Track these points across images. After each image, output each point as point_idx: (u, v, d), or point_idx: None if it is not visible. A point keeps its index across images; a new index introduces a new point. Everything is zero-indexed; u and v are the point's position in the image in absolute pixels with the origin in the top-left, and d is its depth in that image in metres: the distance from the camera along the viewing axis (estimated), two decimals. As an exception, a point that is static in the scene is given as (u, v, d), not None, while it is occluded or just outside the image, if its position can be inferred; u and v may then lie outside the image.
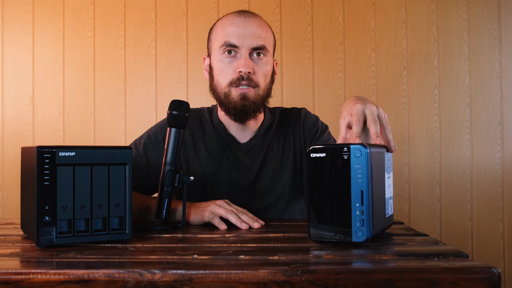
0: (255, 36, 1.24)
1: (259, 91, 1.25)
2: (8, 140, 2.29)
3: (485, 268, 0.65)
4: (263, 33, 1.26)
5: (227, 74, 1.24)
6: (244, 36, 1.23)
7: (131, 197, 0.91)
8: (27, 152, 0.92)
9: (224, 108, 1.28)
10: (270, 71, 1.29)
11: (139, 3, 2.28)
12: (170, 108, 1.08)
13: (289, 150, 1.36)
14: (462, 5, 2.22)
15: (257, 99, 1.25)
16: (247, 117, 1.28)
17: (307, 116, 1.40)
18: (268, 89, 1.29)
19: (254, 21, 1.26)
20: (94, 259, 0.75)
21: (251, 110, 1.26)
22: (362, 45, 2.23)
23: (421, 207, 2.21)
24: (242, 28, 1.24)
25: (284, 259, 0.73)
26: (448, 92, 2.21)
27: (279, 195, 1.34)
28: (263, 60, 1.26)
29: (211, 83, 1.31)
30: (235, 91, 1.24)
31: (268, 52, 1.27)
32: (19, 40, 2.30)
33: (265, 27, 1.28)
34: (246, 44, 1.23)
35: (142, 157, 1.32)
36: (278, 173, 1.34)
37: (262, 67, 1.26)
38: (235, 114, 1.26)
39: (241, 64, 1.22)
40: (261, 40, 1.24)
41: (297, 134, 1.37)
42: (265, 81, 1.27)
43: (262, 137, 1.36)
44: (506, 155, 2.19)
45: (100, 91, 2.28)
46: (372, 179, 0.80)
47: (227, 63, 1.25)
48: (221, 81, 1.26)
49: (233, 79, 1.24)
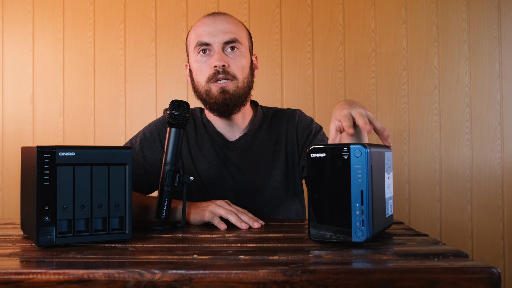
0: (225, 31, 1.27)
1: (238, 83, 1.27)
2: (8, 140, 2.29)
3: (485, 268, 0.65)
4: (233, 27, 1.29)
5: (204, 71, 1.27)
6: (214, 33, 1.27)
7: (131, 197, 0.91)
8: (27, 152, 0.92)
9: (208, 106, 1.30)
10: (247, 63, 1.31)
11: (139, 3, 2.28)
12: (170, 108, 1.09)
13: (280, 151, 1.36)
14: (462, 5, 2.22)
15: (237, 91, 1.27)
16: (230, 111, 1.29)
17: (301, 117, 1.40)
18: (248, 82, 1.31)
19: (223, 18, 1.30)
20: (94, 259, 0.75)
21: (233, 103, 1.27)
22: (362, 45, 2.23)
23: (421, 207, 2.21)
24: (211, 26, 1.28)
25: (284, 259, 0.73)
26: (448, 92, 2.21)
27: (271, 195, 1.34)
28: (237, 53, 1.28)
29: (193, 86, 1.33)
30: (214, 86, 1.26)
31: (242, 45, 1.29)
32: (19, 40, 2.30)
33: (235, 23, 1.31)
34: (217, 40, 1.26)
35: (138, 154, 1.33)
36: (268, 173, 1.34)
37: (237, 59, 1.28)
38: (217, 109, 1.28)
39: (215, 59, 1.25)
40: (232, 34, 1.27)
41: (290, 135, 1.38)
42: (242, 73, 1.29)
43: (252, 136, 1.36)
44: (506, 155, 2.19)
45: (100, 91, 2.28)
46: (372, 179, 0.80)
47: (203, 61, 1.28)
48: (200, 79, 1.29)
49: (210, 75, 1.26)
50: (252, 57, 1.36)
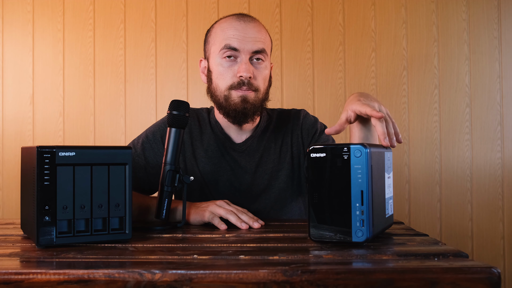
0: (255, 40, 1.24)
1: (258, 94, 1.26)
2: (8, 140, 2.29)
3: (485, 268, 0.65)
4: (262, 37, 1.26)
5: (227, 78, 1.25)
6: (245, 40, 1.23)
7: (131, 197, 0.91)
8: (27, 152, 0.92)
9: (224, 111, 1.27)
10: (268, 75, 1.30)
11: (139, 3, 2.28)
12: (170, 108, 1.09)
13: (286, 152, 1.36)
14: (462, 5, 2.22)
15: (257, 102, 1.26)
16: (246, 120, 1.28)
17: (306, 117, 1.40)
18: (266, 93, 1.30)
19: (254, 26, 1.26)
20: (94, 259, 0.75)
21: (251, 112, 1.26)
22: (362, 45, 2.23)
23: (421, 207, 2.21)
24: (242, 32, 1.24)
25: (284, 259, 0.73)
26: (448, 92, 2.21)
27: (276, 197, 1.33)
28: (262, 65, 1.26)
29: (209, 86, 1.31)
30: (236, 93, 1.24)
31: (267, 56, 1.28)
32: (19, 40, 2.30)
33: (263, 31, 1.29)
34: (246, 48, 1.23)
35: (140, 156, 1.32)
36: (274, 174, 1.34)
37: (262, 71, 1.26)
38: (234, 117, 1.26)
39: (243, 69, 1.22)
40: (261, 44, 1.25)
41: (295, 135, 1.37)
42: (264, 85, 1.28)
43: (258, 138, 1.35)
44: (506, 155, 2.19)
45: (100, 91, 2.28)
46: (372, 179, 0.80)
47: (227, 67, 1.25)
48: (221, 84, 1.26)
49: (234, 83, 1.24)
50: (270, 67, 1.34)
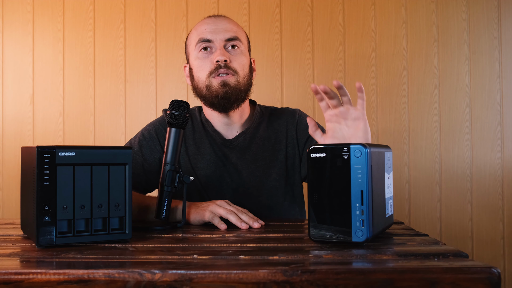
0: (226, 29, 1.30)
1: (238, 78, 1.29)
2: (8, 140, 2.29)
3: (485, 268, 0.65)
4: (234, 27, 1.32)
5: (205, 67, 1.29)
6: (217, 31, 1.29)
7: (131, 197, 0.91)
8: (27, 152, 0.92)
9: (208, 101, 1.30)
10: (247, 62, 1.33)
11: (139, 3, 2.28)
12: (170, 108, 1.09)
13: (279, 151, 1.36)
14: (462, 5, 2.22)
15: (238, 85, 1.28)
16: (231, 106, 1.30)
17: (301, 117, 1.40)
18: (248, 79, 1.32)
19: (225, 19, 1.34)
20: (94, 259, 0.75)
21: (234, 96, 1.28)
22: (362, 45, 2.23)
23: (421, 207, 2.20)
24: (213, 24, 1.31)
25: (284, 259, 0.73)
26: (448, 92, 2.21)
27: (268, 195, 1.34)
28: (237, 51, 1.31)
29: (192, 84, 1.34)
30: (215, 80, 1.27)
31: (242, 44, 1.32)
32: (19, 40, 2.30)
33: (235, 24, 1.35)
34: (219, 37, 1.29)
35: (137, 153, 1.35)
36: (266, 172, 1.34)
37: (238, 56, 1.30)
38: (218, 103, 1.29)
39: (217, 54, 1.27)
40: (233, 32, 1.31)
41: (290, 135, 1.37)
42: (243, 70, 1.30)
43: (250, 135, 1.36)
44: (506, 155, 2.19)
45: (100, 91, 2.28)
46: (372, 179, 0.80)
47: (204, 58, 1.30)
48: (201, 75, 1.30)
49: (212, 69, 1.28)
50: (250, 59, 1.37)
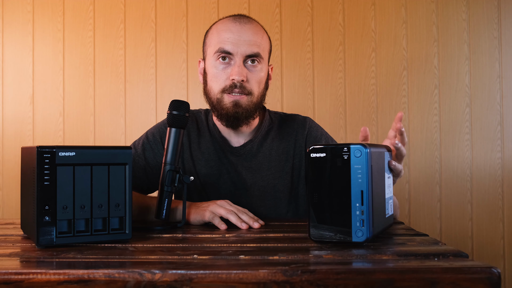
0: (249, 43, 1.22)
1: (252, 98, 1.24)
2: (8, 140, 2.29)
3: (485, 268, 0.65)
4: (258, 39, 1.24)
5: (220, 80, 1.24)
6: (239, 43, 1.22)
7: (131, 197, 0.91)
8: (27, 152, 0.92)
9: (217, 113, 1.27)
10: (264, 78, 1.28)
11: (139, 3, 2.28)
12: (170, 108, 1.09)
13: (286, 161, 1.33)
14: (462, 5, 2.22)
15: (250, 106, 1.24)
16: (239, 124, 1.27)
17: (312, 128, 1.36)
18: (262, 96, 1.28)
19: (250, 28, 1.24)
20: (94, 259, 0.75)
21: (243, 117, 1.25)
22: (362, 45, 2.23)
23: (421, 207, 2.20)
24: (237, 34, 1.22)
25: (284, 259, 0.73)
26: (448, 92, 2.21)
27: (271, 206, 1.31)
28: (257, 68, 1.24)
29: (204, 88, 1.31)
30: (228, 97, 1.23)
31: (263, 59, 1.26)
32: (19, 40, 2.30)
33: (260, 33, 1.26)
34: (240, 51, 1.22)
35: (140, 156, 1.33)
36: (271, 182, 1.31)
37: (256, 74, 1.24)
38: (227, 120, 1.26)
39: (235, 72, 1.21)
40: (256, 48, 1.23)
41: (298, 146, 1.34)
42: (258, 88, 1.26)
43: (258, 143, 1.33)
44: (506, 155, 2.19)
45: (100, 91, 2.28)
46: (372, 179, 0.80)
47: (221, 69, 1.24)
48: (214, 87, 1.25)
49: (226, 86, 1.23)
50: (268, 68, 1.32)
